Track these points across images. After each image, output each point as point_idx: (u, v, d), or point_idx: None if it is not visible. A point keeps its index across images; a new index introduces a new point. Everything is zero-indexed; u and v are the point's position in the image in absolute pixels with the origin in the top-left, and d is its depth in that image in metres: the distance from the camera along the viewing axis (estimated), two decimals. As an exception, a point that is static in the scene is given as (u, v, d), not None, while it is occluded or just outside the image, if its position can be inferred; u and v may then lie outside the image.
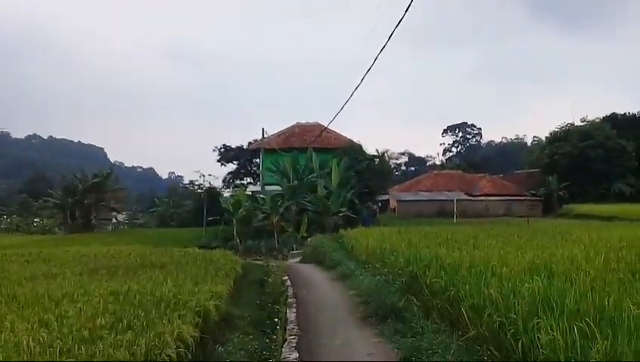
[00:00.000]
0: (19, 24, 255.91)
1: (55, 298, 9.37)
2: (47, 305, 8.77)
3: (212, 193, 48.40)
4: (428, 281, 9.35)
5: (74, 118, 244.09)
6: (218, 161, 68.24)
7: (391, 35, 18.94)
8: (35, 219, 61.82)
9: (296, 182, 36.71)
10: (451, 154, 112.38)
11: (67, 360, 5.71)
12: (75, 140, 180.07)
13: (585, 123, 61.66)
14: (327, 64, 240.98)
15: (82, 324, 7.18)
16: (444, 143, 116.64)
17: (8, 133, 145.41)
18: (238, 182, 66.92)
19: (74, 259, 17.16)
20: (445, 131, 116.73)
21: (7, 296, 9.72)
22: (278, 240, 33.39)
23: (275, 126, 68.69)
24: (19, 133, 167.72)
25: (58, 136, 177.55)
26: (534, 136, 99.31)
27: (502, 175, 63.93)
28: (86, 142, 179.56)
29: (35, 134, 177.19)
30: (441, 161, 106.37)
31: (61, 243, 32.03)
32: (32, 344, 6.18)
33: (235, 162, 68.51)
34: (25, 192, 74.89)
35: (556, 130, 60.09)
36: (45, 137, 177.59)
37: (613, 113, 64.84)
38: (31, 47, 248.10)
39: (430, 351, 7.01)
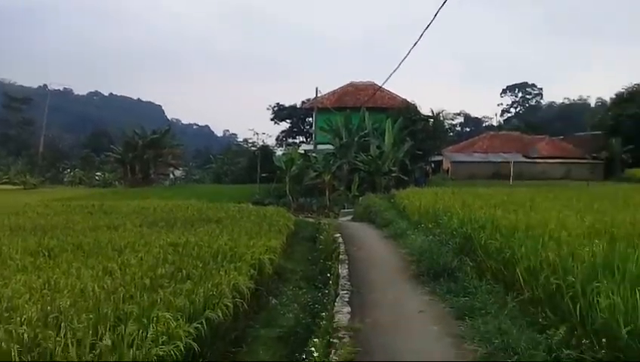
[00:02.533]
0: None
1: (117, 248, 9.82)
2: (110, 254, 9.20)
3: (265, 151, 48.91)
4: (482, 242, 9.25)
5: (133, 76, 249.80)
6: (271, 119, 68.93)
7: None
8: (97, 173, 64.12)
9: (348, 141, 36.58)
10: (509, 115, 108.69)
11: (130, 306, 5.98)
12: (135, 97, 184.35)
13: (655, 83, 58.22)
14: (381, 22, 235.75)
15: (144, 273, 7.49)
16: (502, 104, 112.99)
17: (71, 90, 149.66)
18: (290, 140, 67.47)
19: (134, 212, 17.83)
20: (504, 91, 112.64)
21: (73, 244, 10.23)
22: (329, 199, 33.62)
23: (329, 85, 68.23)
24: (81, 90, 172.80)
25: (118, 93, 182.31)
26: (598, 98, 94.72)
27: (562, 137, 61.60)
28: (145, 100, 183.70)
29: (96, 91, 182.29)
30: (499, 122, 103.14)
31: (121, 196, 33.26)
32: (97, 290, 6.49)
33: (288, 121, 68.92)
34: (87, 147, 77.68)
35: (622, 90, 57.01)
36: (106, 94, 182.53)
37: (687, 73, 60.86)
38: (91, 5, 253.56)
39: (483, 311, 6.97)
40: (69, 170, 68.91)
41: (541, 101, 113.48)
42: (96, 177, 62.55)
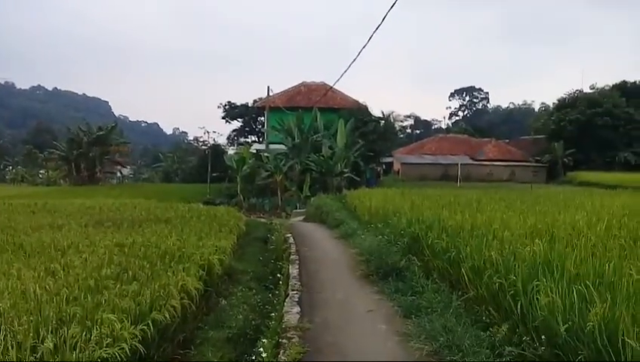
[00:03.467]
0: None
1: (61, 248, 9.50)
2: (53, 254, 8.88)
3: (216, 150, 48.48)
4: (429, 242, 9.40)
5: (79, 70, 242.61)
6: (223, 118, 68.15)
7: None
8: (40, 171, 62.09)
9: (300, 141, 36.64)
10: (457, 118, 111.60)
11: (73, 308, 5.81)
12: (80, 93, 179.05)
13: (594, 90, 60.93)
14: (334, 22, 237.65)
15: (88, 274, 7.28)
16: (450, 107, 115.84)
17: (13, 84, 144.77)
18: (242, 139, 66.96)
19: (79, 211, 17.32)
20: (452, 95, 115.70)
21: (14, 244, 9.86)
22: (281, 199, 33.59)
23: (281, 85, 68.16)
24: (23, 83, 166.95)
25: (63, 88, 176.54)
26: (542, 103, 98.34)
27: (507, 140, 63.58)
28: (91, 95, 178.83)
29: (39, 85, 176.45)
30: (447, 124, 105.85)
31: (66, 195, 32.25)
32: (39, 291, 6.28)
33: (239, 120, 68.35)
34: (29, 143, 74.86)
35: (564, 96, 59.43)
36: (50, 89, 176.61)
37: (623, 81, 63.91)
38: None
39: (430, 309, 7.12)
40: (10, 168, 66.51)
41: (487, 105, 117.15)
42: (40, 175, 60.60)
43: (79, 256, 8.66)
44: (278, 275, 10.68)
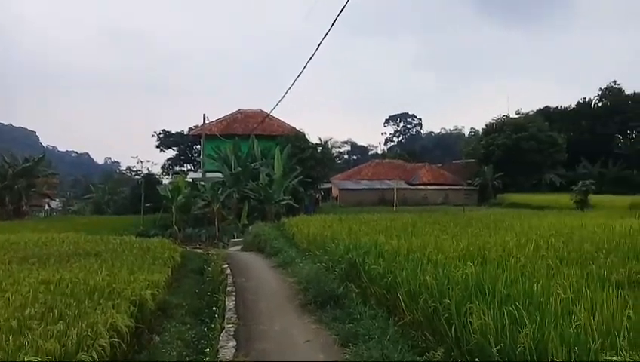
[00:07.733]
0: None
1: (-20, 288, 8.91)
2: (-29, 295, 8.32)
3: (150, 180, 47.30)
4: (367, 268, 9.46)
5: (4, 99, 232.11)
6: (157, 146, 66.84)
7: (334, 22, 18.95)
8: (-39, 205, 58.50)
9: (238, 169, 36.34)
10: (392, 143, 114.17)
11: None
12: (5, 123, 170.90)
13: (519, 115, 63.98)
14: (269, 49, 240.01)
15: (10, 314, 6.88)
16: (385, 133, 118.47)
17: None
18: (177, 168, 65.76)
19: (2, 247, 16.32)
20: (387, 121, 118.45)
21: None
22: (218, 229, 32.99)
23: (217, 112, 67.67)
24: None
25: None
26: (472, 128, 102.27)
27: (440, 165, 65.46)
28: (17, 125, 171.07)
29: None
30: (383, 150, 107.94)
31: (-12, 230, 30.44)
32: (-44, 336, 5.85)
33: (174, 148, 67.18)
34: (-51, 177, 70.51)
35: (492, 121, 62.05)
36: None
37: (547, 106, 67.72)
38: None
39: (367, 337, 7.11)
40: None
41: (421, 131, 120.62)
42: (-40, 210, 56.94)
43: (1, 295, 8.15)
44: (214, 308, 10.41)
